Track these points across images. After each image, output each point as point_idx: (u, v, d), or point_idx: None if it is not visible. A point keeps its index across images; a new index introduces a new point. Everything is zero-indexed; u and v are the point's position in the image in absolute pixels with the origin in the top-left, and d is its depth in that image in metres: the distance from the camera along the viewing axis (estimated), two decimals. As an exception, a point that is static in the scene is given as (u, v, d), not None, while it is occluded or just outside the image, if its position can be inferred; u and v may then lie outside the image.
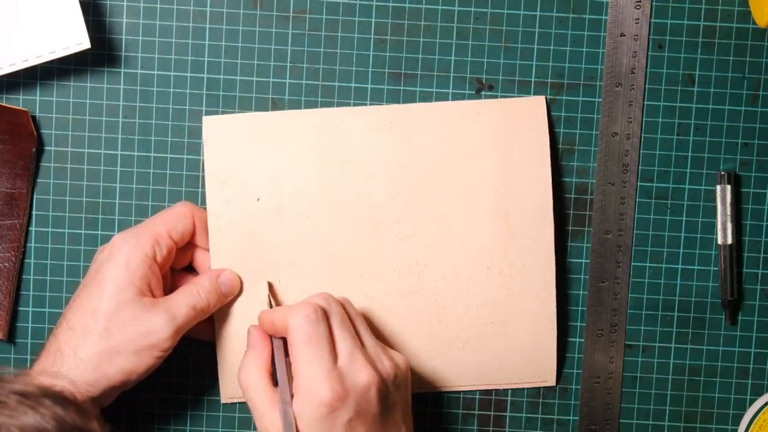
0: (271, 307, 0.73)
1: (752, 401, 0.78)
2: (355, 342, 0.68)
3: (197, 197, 0.75)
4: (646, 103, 0.76)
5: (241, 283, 0.74)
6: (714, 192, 0.76)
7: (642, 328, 0.77)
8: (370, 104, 0.75)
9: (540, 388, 0.77)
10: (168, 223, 0.71)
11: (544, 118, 0.75)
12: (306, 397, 0.65)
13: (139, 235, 0.70)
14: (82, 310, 0.68)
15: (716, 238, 0.76)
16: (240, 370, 0.69)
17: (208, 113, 0.75)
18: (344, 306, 0.70)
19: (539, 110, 0.75)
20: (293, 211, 0.74)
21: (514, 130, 0.75)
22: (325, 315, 0.67)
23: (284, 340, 0.69)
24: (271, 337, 0.70)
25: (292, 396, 0.66)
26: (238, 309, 0.74)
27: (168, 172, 0.75)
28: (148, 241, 0.70)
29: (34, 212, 0.75)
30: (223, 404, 0.76)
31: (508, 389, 0.77)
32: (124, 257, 0.69)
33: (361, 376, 0.66)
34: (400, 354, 0.70)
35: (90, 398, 0.66)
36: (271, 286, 0.74)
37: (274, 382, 0.68)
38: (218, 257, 0.73)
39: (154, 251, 0.70)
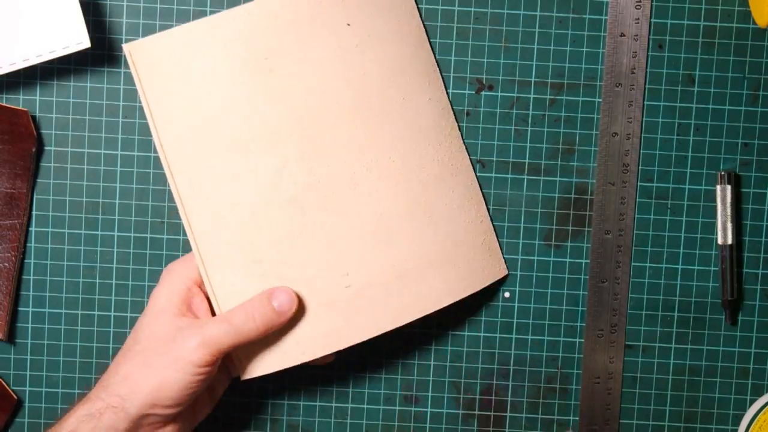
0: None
1: (752, 401, 0.78)
2: None
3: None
4: (646, 103, 0.76)
5: (299, 301, 0.70)
6: (714, 192, 0.76)
7: (642, 328, 0.77)
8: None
9: (540, 387, 0.77)
10: None
11: None
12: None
13: (186, 258, 0.71)
14: (130, 333, 0.70)
15: (716, 238, 0.76)
16: None
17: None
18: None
19: None
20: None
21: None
22: None
23: None
24: None
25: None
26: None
27: (168, 172, 0.75)
28: (194, 262, 0.71)
29: (34, 212, 0.75)
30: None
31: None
32: (168, 279, 0.70)
33: None
34: None
35: (128, 413, 0.67)
36: None
37: None
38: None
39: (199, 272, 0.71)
